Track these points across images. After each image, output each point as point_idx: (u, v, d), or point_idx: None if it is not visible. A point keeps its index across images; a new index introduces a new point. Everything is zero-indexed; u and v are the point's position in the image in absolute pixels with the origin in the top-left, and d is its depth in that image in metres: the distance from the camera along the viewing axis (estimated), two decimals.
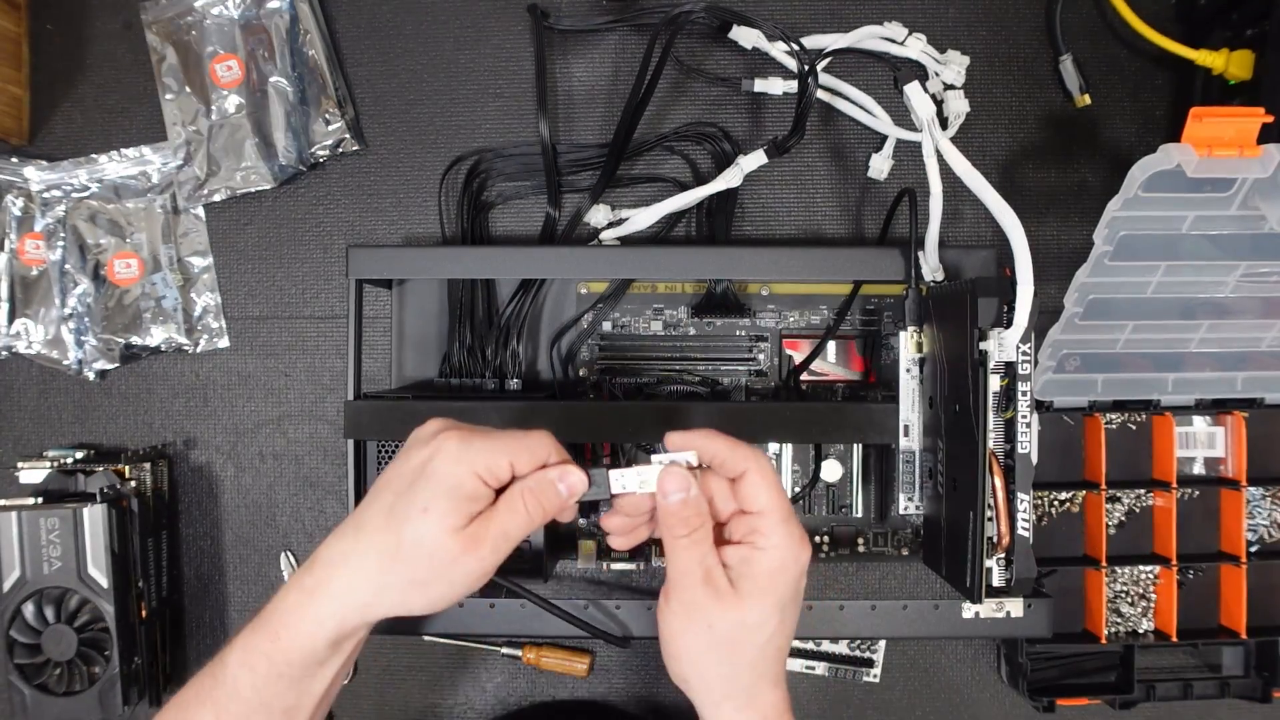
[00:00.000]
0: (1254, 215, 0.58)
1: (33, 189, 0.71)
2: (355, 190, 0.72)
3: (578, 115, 0.72)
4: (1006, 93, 0.72)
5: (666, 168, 0.72)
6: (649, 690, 0.72)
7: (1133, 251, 0.59)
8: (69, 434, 0.72)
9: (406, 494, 0.41)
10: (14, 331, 0.71)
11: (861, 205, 0.72)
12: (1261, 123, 0.54)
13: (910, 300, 0.60)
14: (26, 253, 0.71)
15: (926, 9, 0.71)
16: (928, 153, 0.58)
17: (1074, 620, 0.70)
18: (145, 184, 0.72)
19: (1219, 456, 0.70)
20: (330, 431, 0.72)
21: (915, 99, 0.58)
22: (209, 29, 0.70)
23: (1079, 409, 0.69)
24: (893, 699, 0.72)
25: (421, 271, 0.65)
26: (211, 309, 0.72)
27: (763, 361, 0.68)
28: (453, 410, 0.62)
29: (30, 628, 0.63)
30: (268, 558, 0.72)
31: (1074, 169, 0.72)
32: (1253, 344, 0.65)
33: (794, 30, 0.70)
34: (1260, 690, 0.69)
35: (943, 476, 0.57)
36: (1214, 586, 0.70)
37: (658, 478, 0.43)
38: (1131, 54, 0.71)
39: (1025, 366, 0.52)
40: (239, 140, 0.69)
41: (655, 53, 0.65)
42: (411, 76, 0.72)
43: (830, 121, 0.72)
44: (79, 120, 0.72)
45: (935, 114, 0.58)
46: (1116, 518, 0.70)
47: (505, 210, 0.72)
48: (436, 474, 0.40)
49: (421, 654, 0.72)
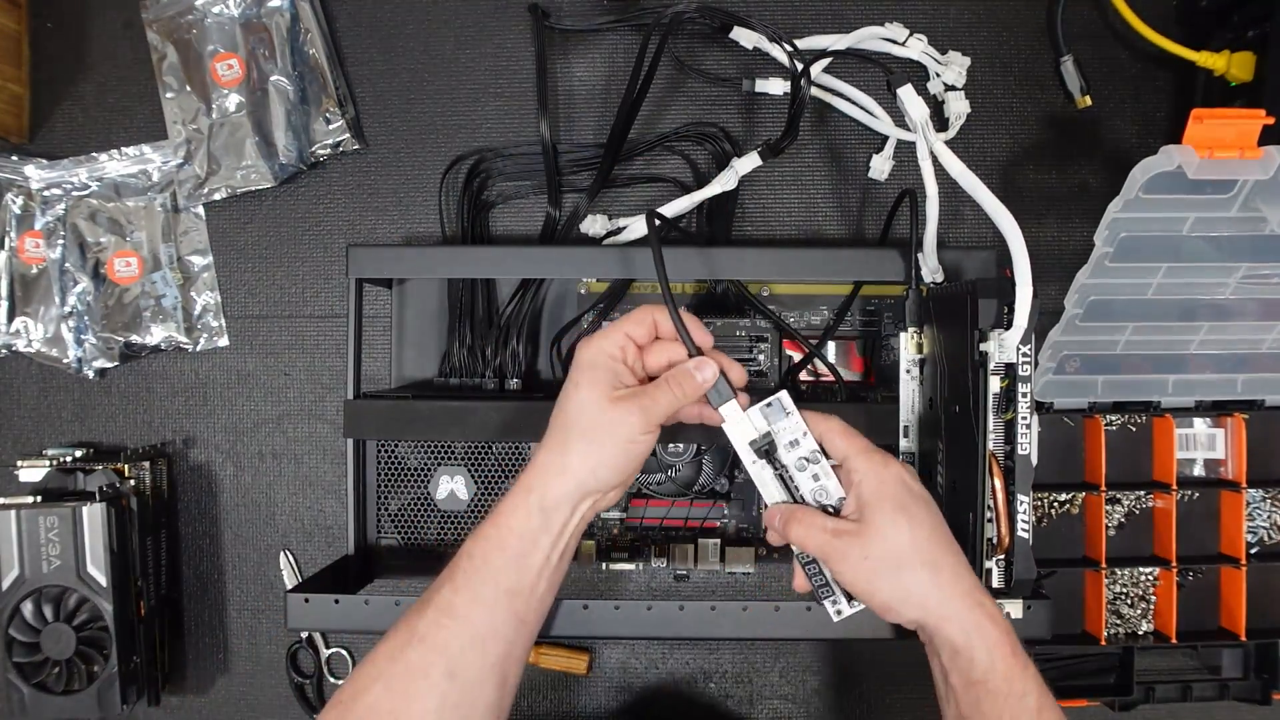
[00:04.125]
0: (1255, 217, 0.58)
1: (33, 187, 0.71)
2: (355, 189, 0.72)
3: (578, 115, 0.72)
4: (1007, 94, 0.72)
5: (667, 167, 0.72)
6: (649, 690, 0.72)
7: (1133, 253, 0.59)
8: (68, 432, 0.72)
9: (570, 382, 0.50)
10: (14, 330, 0.71)
11: (862, 206, 0.72)
12: (1262, 124, 0.54)
13: (910, 301, 0.60)
14: (26, 251, 0.71)
15: (927, 10, 0.71)
16: (922, 155, 0.58)
17: (1073, 622, 0.69)
18: (145, 182, 0.71)
19: (1219, 458, 0.70)
20: (330, 431, 0.72)
21: (909, 102, 0.57)
22: (210, 27, 0.70)
23: (1079, 410, 0.69)
24: (893, 699, 0.72)
25: (421, 271, 0.65)
26: (211, 308, 0.72)
27: (763, 362, 0.68)
28: (452, 410, 0.62)
29: (29, 626, 0.63)
30: (267, 557, 0.72)
31: (1075, 170, 0.72)
32: (1253, 346, 0.65)
33: (795, 31, 0.70)
34: (1260, 692, 0.68)
35: (942, 478, 0.57)
36: (1214, 588, 0.70)
37: (764, 518, 0.53)
38: (1133, 55, 0.71)
39: (1025, 368, 0.52)
40: (239, 139, 0.69)
41: (648, 54, 0.65)
42: (412, 76, 0.72)
43: (831, 122, 0.72)
44: (79, 118, 0.72)
45: (929, 116, 0.58)
46: (1116, 519, 0.70)
47: (505, 210, 0.72)
48: (580, 362, 0.50)
49: None
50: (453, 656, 0.46)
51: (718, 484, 0.67)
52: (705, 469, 0.67)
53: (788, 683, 0.72)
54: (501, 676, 0.47)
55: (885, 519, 0.48)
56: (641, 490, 0.67)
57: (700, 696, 0.72)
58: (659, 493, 0.67)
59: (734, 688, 0.72)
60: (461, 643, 0.46)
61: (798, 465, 0.51)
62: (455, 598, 0.47)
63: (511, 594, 0.47)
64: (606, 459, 0.48)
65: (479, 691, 0.46)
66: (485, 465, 0.65)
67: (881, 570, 0.48)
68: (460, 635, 0.46)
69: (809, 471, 0.51)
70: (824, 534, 0.49)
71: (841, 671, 0.72)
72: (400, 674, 0.45)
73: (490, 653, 0.46)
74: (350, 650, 0.72)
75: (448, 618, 0.46)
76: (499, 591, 0.47)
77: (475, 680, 0.46)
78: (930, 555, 0.48)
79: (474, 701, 0.46)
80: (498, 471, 0.65)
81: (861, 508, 0.49)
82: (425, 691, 0.45)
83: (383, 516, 0.66)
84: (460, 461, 0.65)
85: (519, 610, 0.48)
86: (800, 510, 0.51)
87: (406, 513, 0.66)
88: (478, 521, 0.62)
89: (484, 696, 0.46)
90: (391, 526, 0.66)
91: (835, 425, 0.51)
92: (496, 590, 0.47)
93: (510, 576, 0.47)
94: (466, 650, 0.46)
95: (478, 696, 0.46)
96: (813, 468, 0.51)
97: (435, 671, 0.45)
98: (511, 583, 0.47)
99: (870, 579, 0.48)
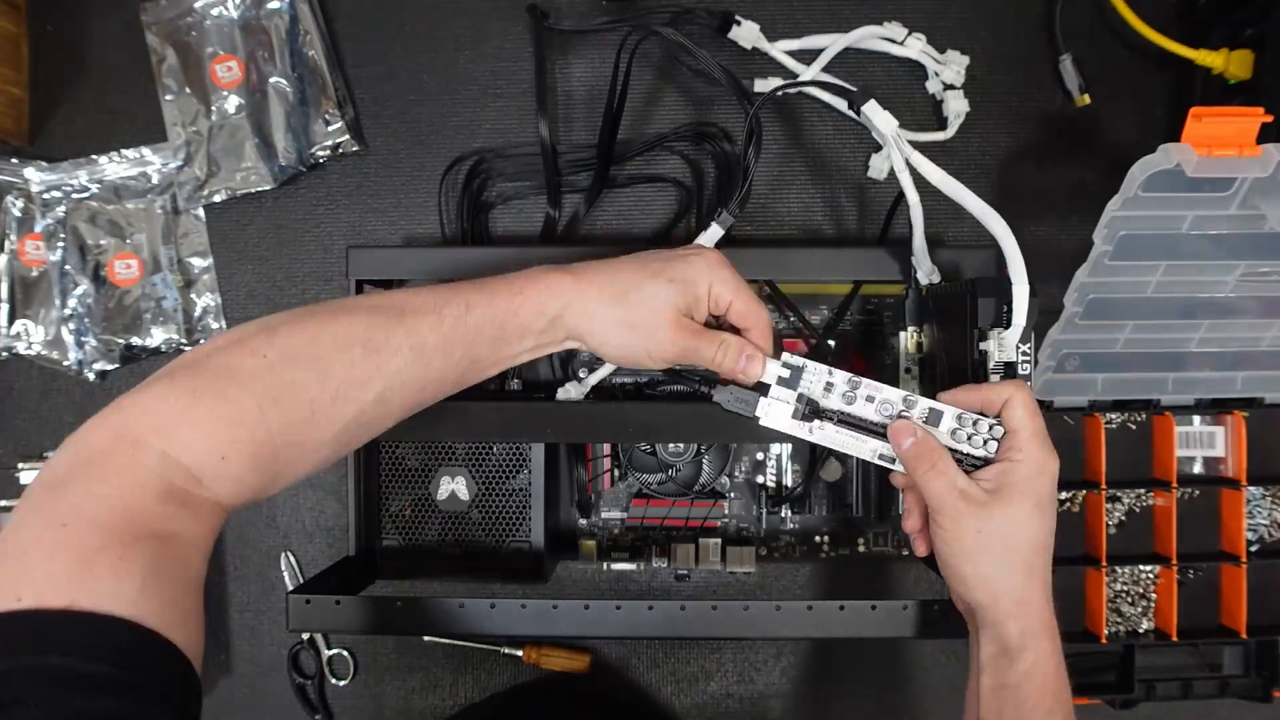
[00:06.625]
0: (1253, 215, 0.58)
1: (33, 190, 0.71)
2: (355, 190, 0.72)
3: (577, 115, 0.72)
4: (1006, 92, 0.72)
5: (666, 167, 0.72)
6: (650, 689, 0.72)
7: (1132, 251, 0.59)
8: (69, 435, 0.72)
9: (663, 267, 0.49)
10: (14, 332, 0.71)
11: (861, 205, 0.72)
12: (1261, 122, 0.54)
13: (910, 300, 0.60)
14: (27, 254, 0.71)
15: (926, 9, 0.71)
16: (899, 166, 0.57)
17: (1074, 620, 0.70)
18: (145, 185, 0.72)
19: (1219, 456, 0.70)
20: None
21: (875, 117, 0.56)
22: (209, 30, 0.70)
23: (1079, 409, 0.69)
24: (895, 699, 0.72)
25: (421, 271, 0.65)
26: (212, 310, 0.72)
27: None
28: (453, 410, 0.62)
29: None
30: (268, 558, 0.72)
31: (1074, 169, 0.72)
32: (1252, 343, 0.65)
33: (794, 30, 0.70)
34: (1260, 690, 0.68)
35: None
36: (1214, 586, 0.70)
37: (890, 433, 0.50)
38: (1131, 54, 0.71)
39: (1025, 366, 0.52)
40: (239, 141, 0.69)
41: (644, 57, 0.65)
42: (411, 77, 0.72)
43: (830, 122, 0.72)
44: (79, 121, 0.72)
45: (898, 128, 0.56)
46: (1116, 517, 0.70)
47: (505, 210, 0.72)
48: (692, 267, 0.49)
49: (422, 654, 0.72)
50: (391, 386, 0.45)
51: (718, 484, 0.67)
52: (705, 469, 0.67)
53: (789, 682, 0.72)
54: (401, 414, 0.47)
55: (1022, 509, 0.46)
56: (642, 490, 0.68)
57: (701, 696, 0.72)
58: (660, 493, 0.67)
59: (735, 687, 0.72)
60: (407, 378, 0.45)
61: (881, 407, 0.50)
62: (430, 337, 0.45)
63: (472, 362, 0.47)
64: (623, 343, 0.49)
65: (377, 424, 0.46)
66: (486, 466, 0.65)
67: (987, 550, 0.47)
68: (411, 371, 0.45)
69: (952, 415, 0.49)
70: (952, 491, 0.47)
71: (843, 671, 0.72)
72: (333, 360, 0.43)
73: (419, 397, 0.47)
74: (352, 651, 0.72)
75: (413, 354, 0.45)
76: (465, 356, 0.47)
77: (389, 415, 0.46)
78: (1032, 560, 0.47)
79: (361, 435, 0.46)
80: (498, 472, 0.65)
81: (1005, 485, 0.47)
82: (352, 398, 0.43)
83: (384, 517, 0.66)
84: (461, 462, 0.65)
85: (466, 377, 0.48)
86: (941, 453, 0.48)
87: (407, 513, 0.66)
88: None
89: (374, 430, 0.46)
90: (392, 527, 0.66)
91: (1022, 397, 0.48)
92: (464, 354, 0.47)
93: (484, 350, 0.47)
94: (406, 385, 0.45)
95: (374, 427, 0.46)
96: (956, 412, 0.49)
97: (371, 388, 0.44)
98: (479, 354, 0.47)
99: (972, 553, 0.47)
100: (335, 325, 0.43)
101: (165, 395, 0.40)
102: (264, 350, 0.42)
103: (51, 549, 0.35)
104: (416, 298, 0.47)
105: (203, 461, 0.39)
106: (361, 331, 0.44)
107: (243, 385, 0.40)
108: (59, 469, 0.37)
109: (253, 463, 0.40)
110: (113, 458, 0.37)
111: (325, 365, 0.42)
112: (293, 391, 0.41)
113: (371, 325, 0.44)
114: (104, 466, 0.37)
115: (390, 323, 0.45)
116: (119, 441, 0.38)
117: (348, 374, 0.43)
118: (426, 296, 0.47)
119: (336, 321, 0.44)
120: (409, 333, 0.45)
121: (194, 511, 0.39)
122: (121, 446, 0.38)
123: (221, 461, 0.39)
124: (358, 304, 0.46)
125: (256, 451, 0.40)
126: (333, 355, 0.43)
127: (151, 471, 0.38)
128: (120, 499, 0.36)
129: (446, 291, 0.47)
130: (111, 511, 0.36)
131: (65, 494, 0.36)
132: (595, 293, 0.48)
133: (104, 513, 0.36)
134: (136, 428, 0.38)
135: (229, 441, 0.40)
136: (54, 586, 0.33)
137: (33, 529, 0.35)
